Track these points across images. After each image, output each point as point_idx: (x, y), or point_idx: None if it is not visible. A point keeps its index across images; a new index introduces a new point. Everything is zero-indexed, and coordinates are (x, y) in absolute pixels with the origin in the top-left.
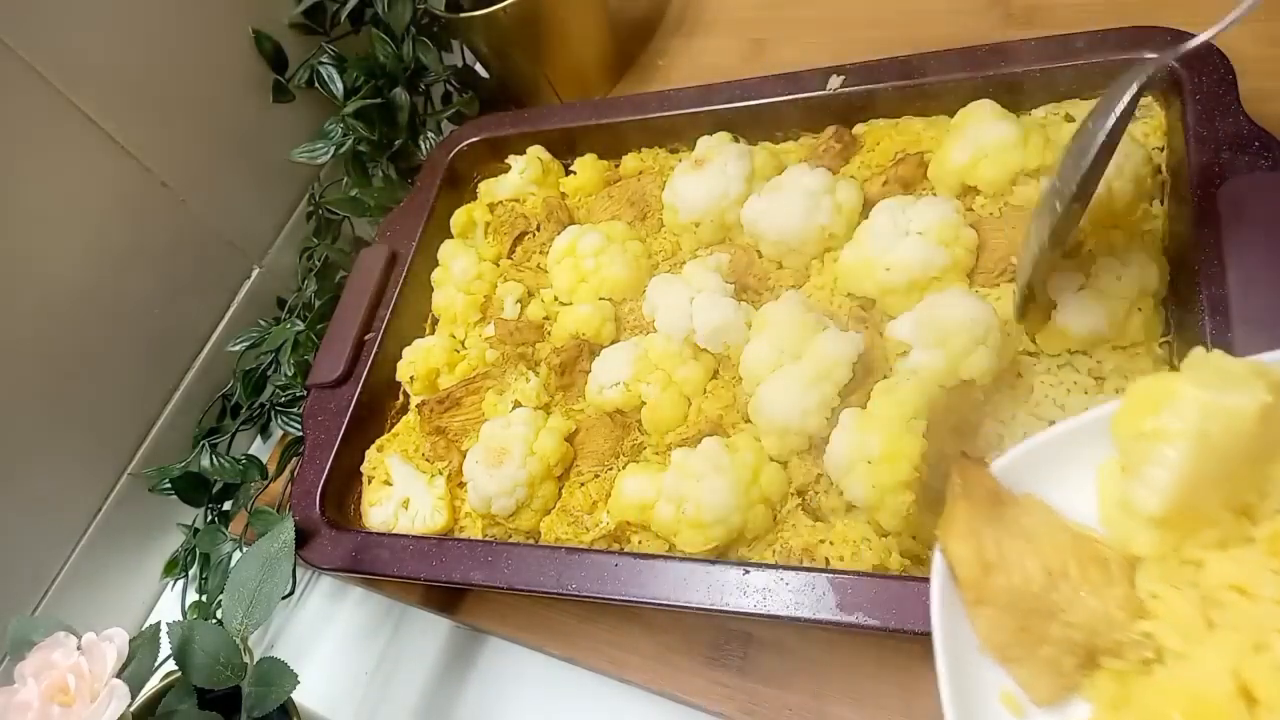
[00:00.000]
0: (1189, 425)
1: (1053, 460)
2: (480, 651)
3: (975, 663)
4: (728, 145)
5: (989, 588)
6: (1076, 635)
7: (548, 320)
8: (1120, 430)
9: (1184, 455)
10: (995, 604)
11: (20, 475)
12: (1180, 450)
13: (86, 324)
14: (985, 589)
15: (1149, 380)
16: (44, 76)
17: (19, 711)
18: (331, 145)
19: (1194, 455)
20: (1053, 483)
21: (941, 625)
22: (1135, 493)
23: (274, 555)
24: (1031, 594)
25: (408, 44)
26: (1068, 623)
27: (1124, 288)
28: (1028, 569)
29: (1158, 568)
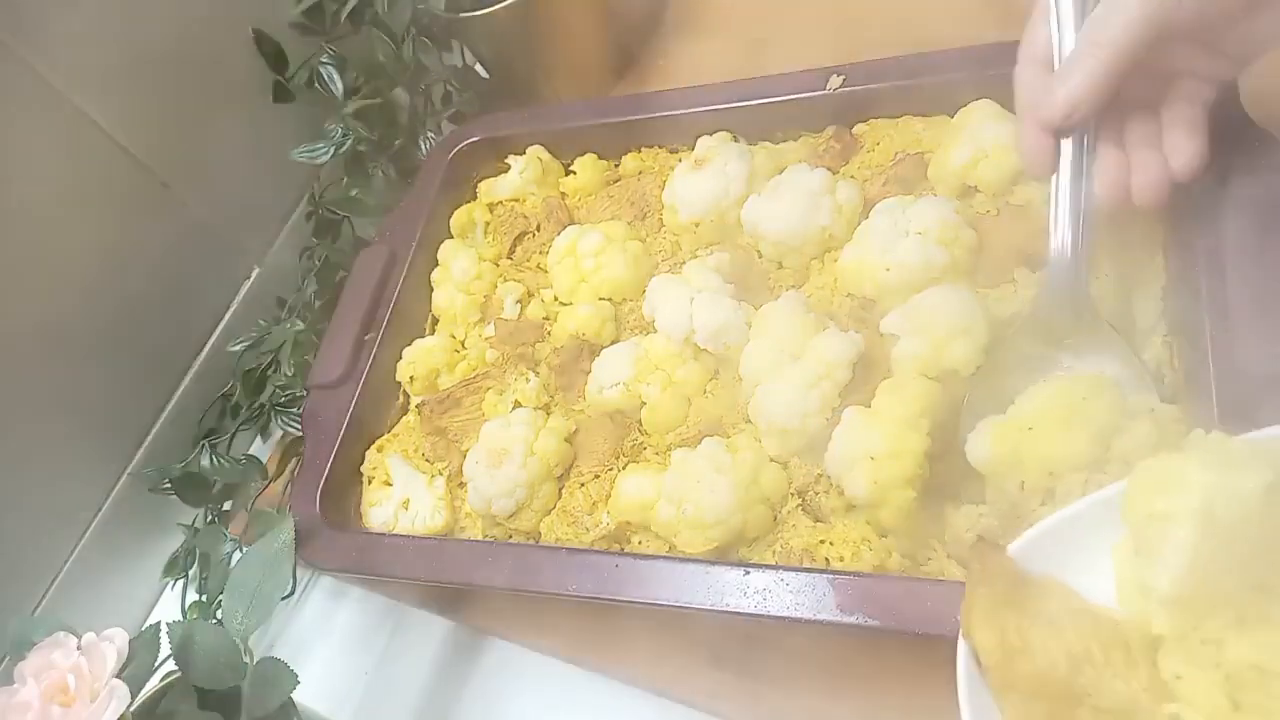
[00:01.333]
0: (1196, 506)
1: (1068, 541)
2: (480, 651)
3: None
4: (728, 145)
5: (1015, 674)
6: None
7: (548, 320)
8: (1130, 512)
9: (1193, 535)
10: (1023, 690)
11: (20, 475)
12: (1189, 530)
13: (86, 324)
14: (1011, 675)
15: (1154, 461)
16: (43, 76)
17: (19, 711)
18: (331, 145)
19: (1203, 535)
20: (1069, 564)
21: (969, 713)
22: (1149, 574)
23: (274, 555)
24: (1058, 679)
25: (408, 44)
26: (1095, 707)
27: (1124, 287)
28: (1052, 654)
29: (1179, 648)
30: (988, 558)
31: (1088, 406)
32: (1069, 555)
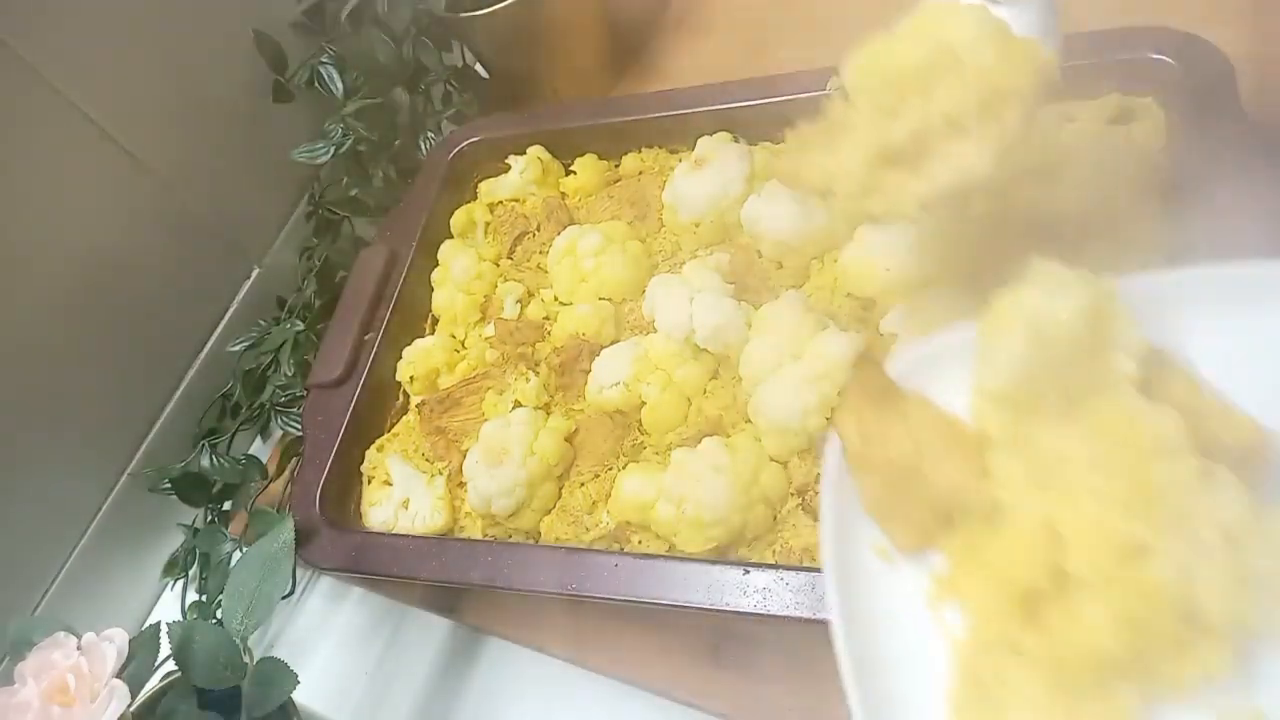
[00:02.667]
0: (1025, 320)
1: (940, 366)
2: (480, 651)
3: (855, 521)
4: (728, 145)
5: (869, 457)
6: (937, 497)
7: (548, 320)
8: (982, 334)
9: (1020, 344)
10: (872, 469)
11: (20, 475)
12: (1017, 339)
13: (86, 324)
14: (866, 458)
15: (1008, 293)
16: (43, 76)
17: (19, 711)
18: (331, 145)
19: (1028, 345)
20: (937, 381)
21: (830, 490)
22: (985, 376)
23: (274, 555)
24: (903, 462)
25: (408, 44)
26: (932, 485)
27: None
28: (902, 442)
29: (1001, 443)
30: (864, 368)
31: None
32: (938, 376)
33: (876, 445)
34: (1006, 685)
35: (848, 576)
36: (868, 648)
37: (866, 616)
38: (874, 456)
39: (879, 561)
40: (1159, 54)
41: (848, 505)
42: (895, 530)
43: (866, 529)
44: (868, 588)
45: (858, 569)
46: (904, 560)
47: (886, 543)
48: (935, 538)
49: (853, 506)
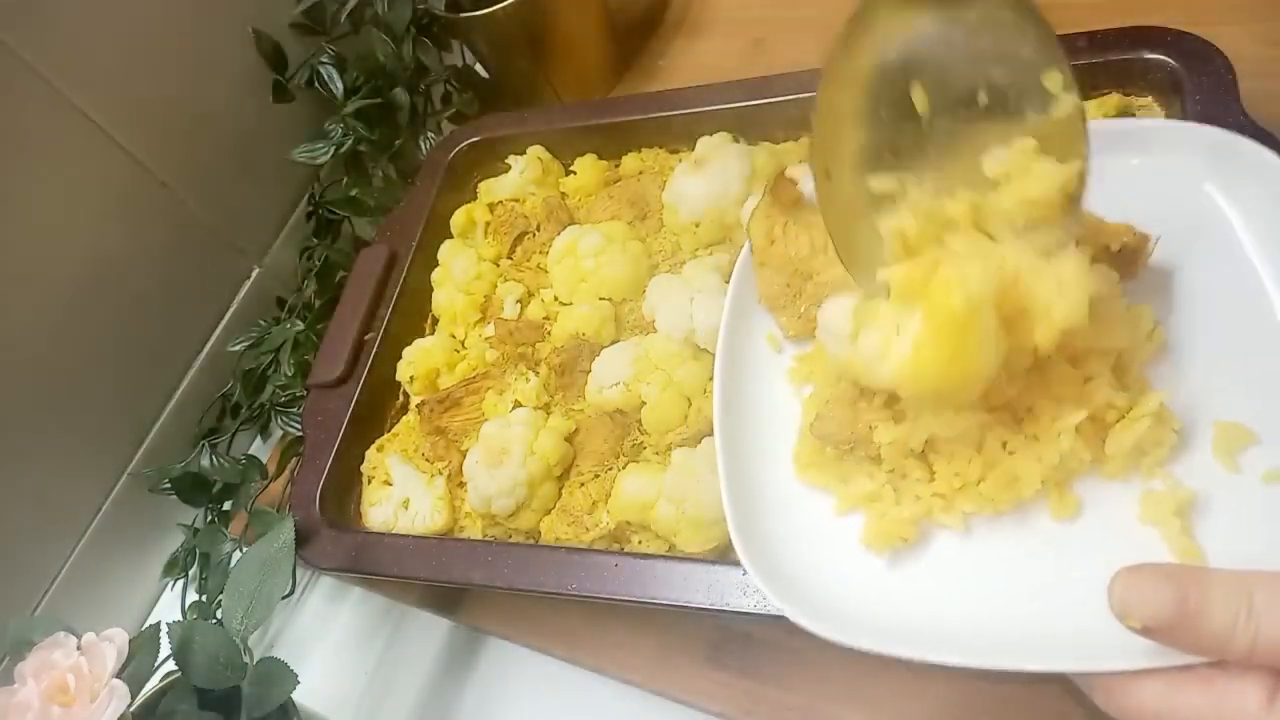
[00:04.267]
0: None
1: None
2: (480, 651)
3: (751, 311)
4: (728, 145)
5: (770, 253)
6: (823, 291)
7: (548, 320)
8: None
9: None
10: (772, 265)
11: (20, 475)
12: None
13: (86, 324)
14: (768, 254)
15: None
16: (43, 76)
17: (19, 711)
18: (331, 145)
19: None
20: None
21: (735, 284)
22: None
23: (274, 555)
24: (798, 260)
25: (408, 44)
26: (818, 282)
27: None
28: (799, 243)
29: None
30: (780, 183)
31: None
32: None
33: (778, 245)
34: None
35: (735, 359)
36: (741, 416)
37: (746, 391)
38: (775, 255)
39: (767, 348)
40: (1159, 54)
41: (748, 298)
42: (784, 319)
43: (762, 319)
44: (752, 370)
45: (747, 353)
46: (789, 346)
47: (777, 331)
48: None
49: (751, 301)
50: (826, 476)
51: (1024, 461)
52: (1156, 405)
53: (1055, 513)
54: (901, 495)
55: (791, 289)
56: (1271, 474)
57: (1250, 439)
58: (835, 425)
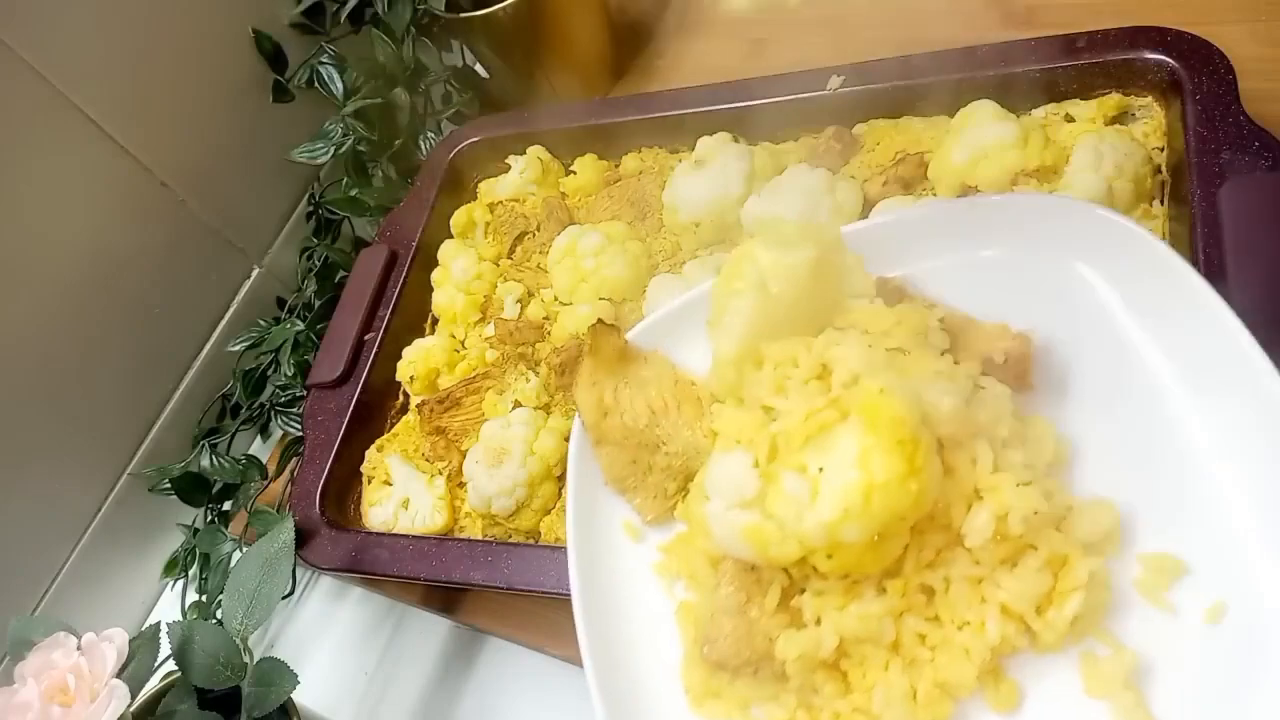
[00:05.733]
0: (753, 280)
1: (675, 326)
2: (480, 651)
3: (601, 498)
4: (728, 145)
5: (606, 428)
6: (676, 463)
7: (548, 320)
8: (714, 293)
9: (749, 305)
10: (612, 441)
11: (20, 475)
12: (747, 301)
13: (86, 324)
14: (604, 429)
15: (736, 249)
16: (44, 76)
17: (19, 711)
18: (331, 145)
19: (758, 304)
20: (680, 344)
21: (574, 468)
22: (716, 341)
23: (274, 555)
24: (639, 430)
25: (408, 44)
26: (669, 452)
27: None
28: (637, 409)
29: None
30: (599, 335)
31: None
32: (679, 337)
33: (612, 414)
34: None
35: (593, 561)
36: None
37: (611, 599)
38: (612, 428)
39: (626, 539)
40: (1159, 54)
41: (593, 483)
42: (640, 502)
43: (613, 507)
44: (612, 569)
45: (604, 550)
46: (653, 533)
47: (634, 517)
48: (679, 506)
49: (597, 484)
50: (728, 706)
51: (951, 662)
52: (1087, 575)
53: (995, 705)
54: (818, 716)
55: (639, 465)
56: (1213, 611)
57: (1180, 570)
58: (729, 645)
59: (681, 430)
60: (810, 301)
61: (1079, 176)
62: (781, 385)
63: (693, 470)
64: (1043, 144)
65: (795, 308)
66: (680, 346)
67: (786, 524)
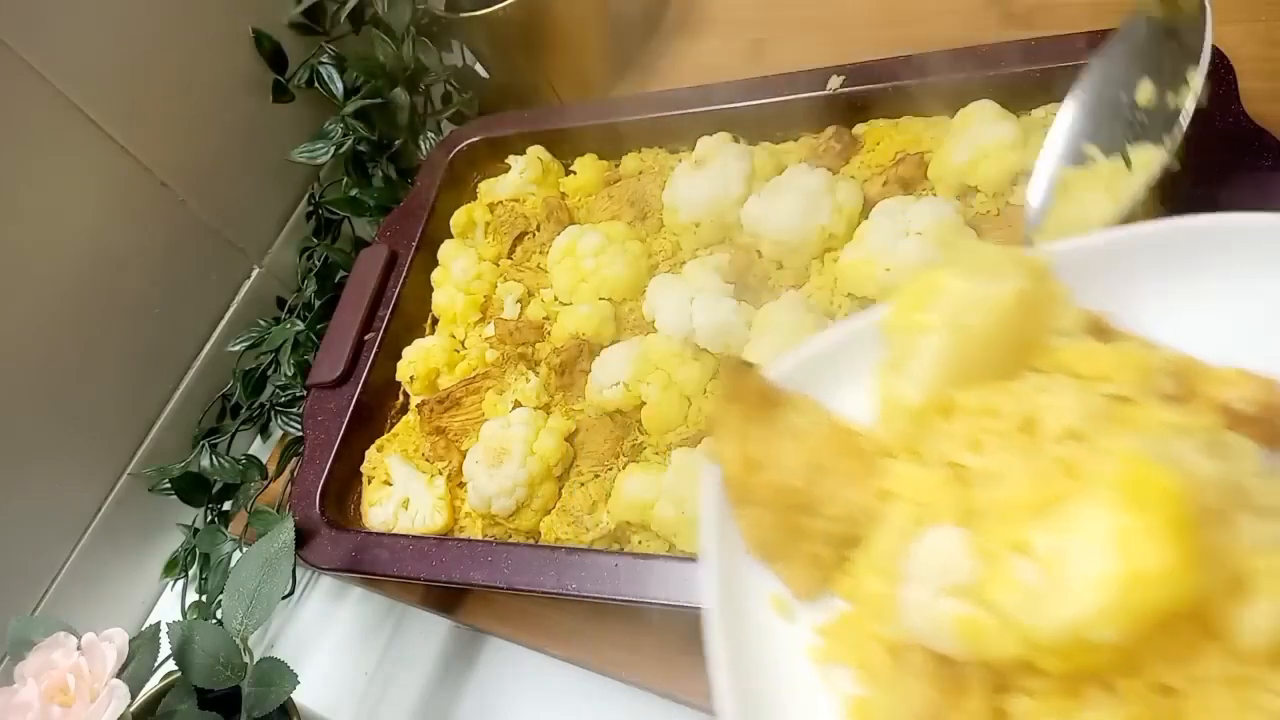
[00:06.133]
0: (947, 315)
1: (831, 365)
2: (480, 651)
3: (744, 567)
4: (728, 145)
5: (753, 485)
6: (835, 528)
7: (548, 320)
8: (888, 328)
9: (942, 344)
10: (759, 502)
11: (20, 475)
12: (939, 340)
13: (86, 324)
14: (750, 487)
15: (915, 276)
16: (43, 76)
17: (19, 711)
18: (331, 145)
19: (952, 344)
20: (832, 386)
21: (711, 531)
22: (897, 386)
23: (274, 555)
24: (793, 489)
25: (408, 44)
26: (827, 516)
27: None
28: (791, 465)
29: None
30: (739, 376)
31: None
32: (832, 378)
33: (762, 471)
34: None
35: (739, 640)
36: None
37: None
38: (759, 485)
39: (775, 617)
40: None
41: (734, 548)
42: (790, 573)
43: (761, 576)
44: (761, 654)
45: (751, 631)
46: (805, 609)
47: (784, 592)
48: (837, 578)
49: (739, 551)
50: None
51: None
52: None
53: None
54: None
55: (791, 530)
56: None
57: None
58: None
59: (843, 490)
60: (1009, 340)
61: None
62: (978, 440)
63: (855, 537)
64: (1043, 144)
65: (991, 348)
66: (832, 389)
67: (1012, 618)
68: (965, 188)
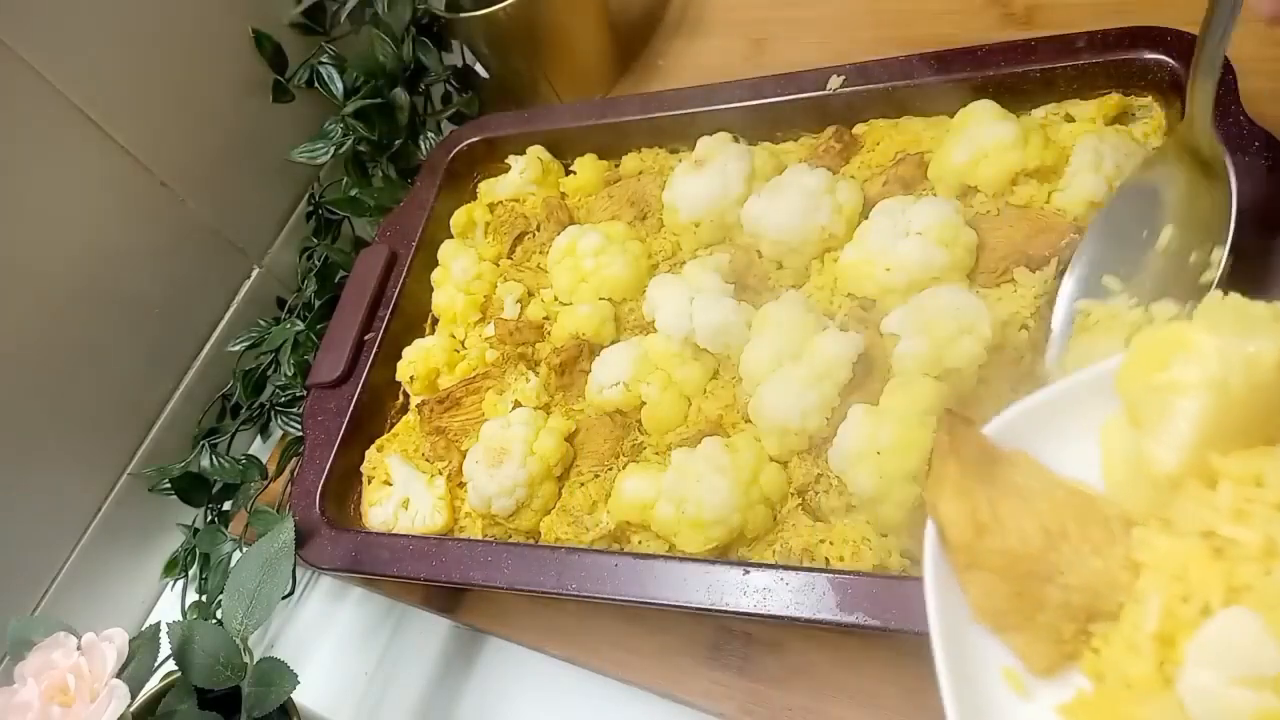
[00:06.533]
0: (1207, 375)
1: (1049, 421)
2: (480, 651)
3: (972, 637)
4: (728, 145)
5: (982, 550)
6: (1076, 599)
7: (548, 320)
8: (1128, 385)
9: (1202, 407)
10: (989, 567)
11: (21, 475)
12: (1198, 402)
13: (86, 324)
14: (979, 552)
15: (1157, 331)
16: (43, 76)
17: (19, 711)
18: (331, 145)
19: (1213, 407)
20: (1049, 443)
21: (936, 597)
22: (1149, 450)
23: (274, 555)
24: (1028, 555)
25: (408, 44)
26: (1067, 585)
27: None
28: (1024, 529)
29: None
30: (957, 431)
31: None
32: (1050, 435)
33: (991, 535)
34: None
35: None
36: None
37: None
38: (988, 548)
39: (1009, 692)
40: (1159, 54)
41: (960, 618)
42: (1025, 645)
43: (989, 649)
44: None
45: (984, 705)
46: (1041, 685)
47: (1019, 665)
48: (1077, 653)
49: (965, 620)
50: None
51: None
52: None
53: None
54: None
55: (1026, 598)
56: None
57: None
58: None
59: (1086, 559)
60: (1272, 403)
61: (1079, 177)
62: (1242, 510)
63: (1099, 610)
64: (1043, 144)
65: (1253, 411)
66: (1049, 447)
67: None
68: (965, 188)
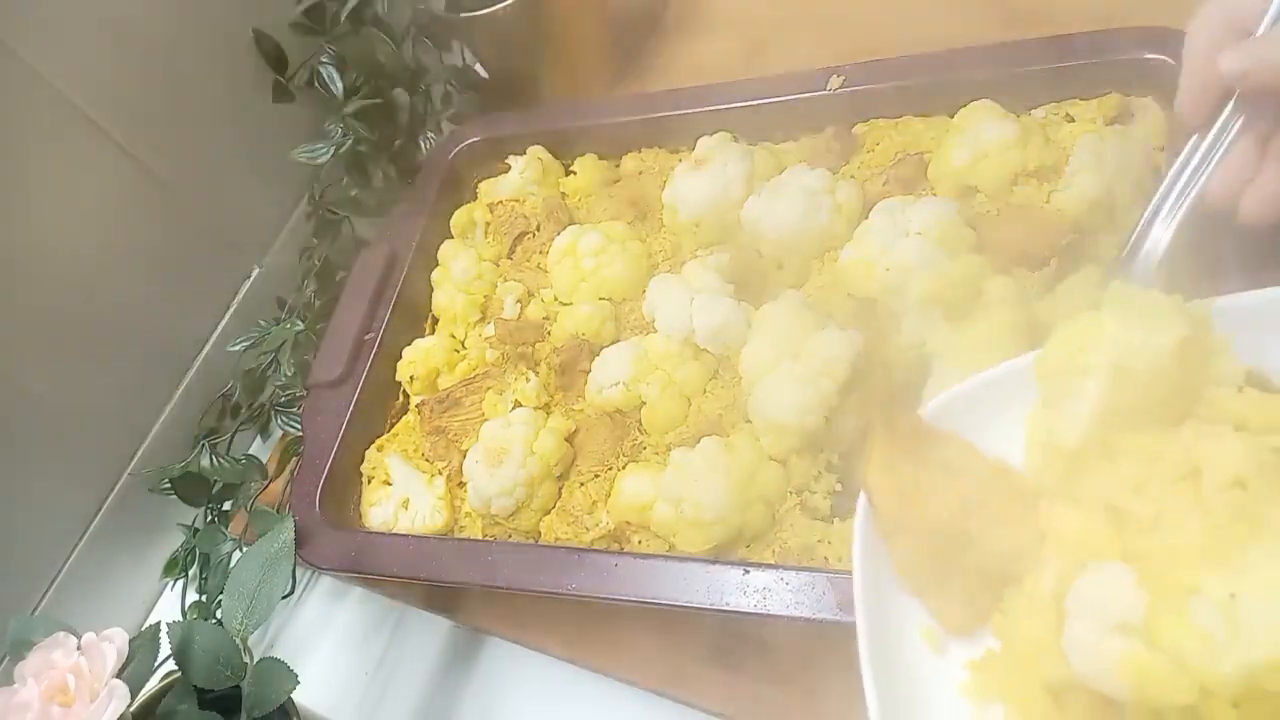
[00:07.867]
0: (1108, 360)
1: (981, 406)
2: (480, 651)
3: (894, 598)
4: (728, 145)
5: (905, 518)
6: (989, 564)
7: (548, 320)
8: (1044, 370)
9: (1103, 388)
10: (911, 533)
11: (21, 475)
12: (1099, 383)
13: (86, 324)
14: (902, 519)
15: (1073, 321)
16: (43, 76)
17: (19, 711)
18: (331, 145)
19: (1113, 388)
20: (980, 427)
21: (862, 560)
22: (1055, 426)
23: (274, 555)
24: (947, 524)
25: (408, 44)
26: (980, 552)
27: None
28: (945, 500)
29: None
30: (894, 412)
31: None
32: (981, 419)
33: (914, 504)
34: None
35: (889, 670)
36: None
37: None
38: (912, 518)
39: (925, 649)
40: (1159, 54)
41: (884, 580)
42: (941, 606)
43: (910, 608)
44: (912, 685)
45: (901, 661)
46: (955, 643)
47: (935, 624)
48: (988, 615)
49: (889, 582)
50: None
51: None
52: None
53: None
54: None
55: (942, 563)
56: None
57: None
58: None
59: (999, 528)
60: (1170, 387)
61: (1079, 177)
62: (1140, 484)
63: (1010, 576)
64: (1043, 144)
65: (1152, 394)
66: (981, 428)
67: (1186, 660)
68: (965, 188)
